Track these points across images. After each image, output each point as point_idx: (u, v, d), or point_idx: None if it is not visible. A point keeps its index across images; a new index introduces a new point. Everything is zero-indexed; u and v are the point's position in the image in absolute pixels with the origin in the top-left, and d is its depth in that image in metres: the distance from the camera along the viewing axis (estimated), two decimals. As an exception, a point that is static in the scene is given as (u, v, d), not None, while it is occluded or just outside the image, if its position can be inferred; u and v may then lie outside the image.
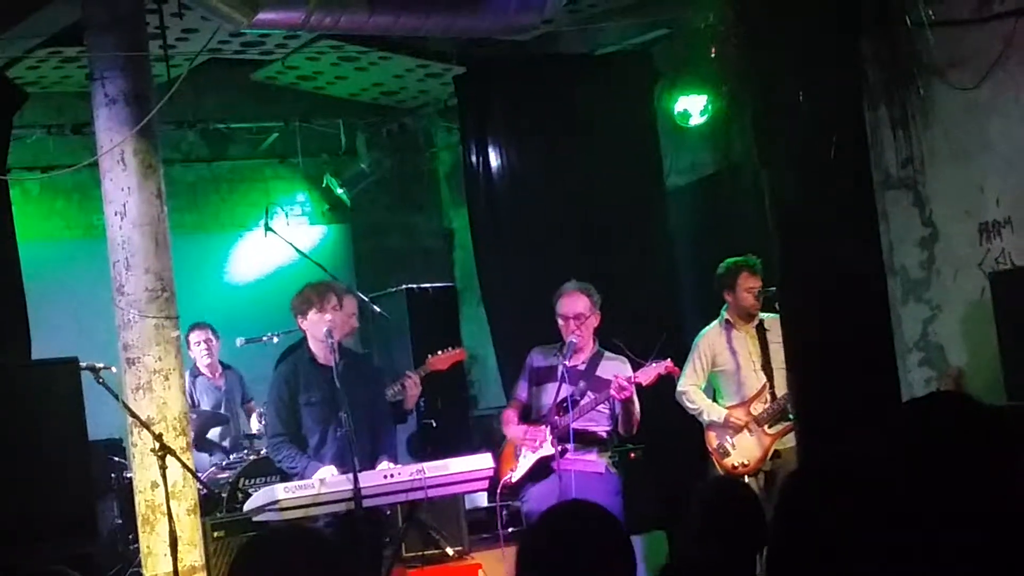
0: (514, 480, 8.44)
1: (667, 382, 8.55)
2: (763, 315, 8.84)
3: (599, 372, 8.34)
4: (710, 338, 8.98)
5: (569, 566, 3.33)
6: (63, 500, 7.50)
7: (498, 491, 8.50)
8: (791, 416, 8.34)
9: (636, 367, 8.24)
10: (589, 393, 8.26)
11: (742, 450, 8.74)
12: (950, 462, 3.23)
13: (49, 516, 7.40)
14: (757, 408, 8.74)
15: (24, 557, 7.11)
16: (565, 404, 8.16)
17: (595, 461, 8.34)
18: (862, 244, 6.16)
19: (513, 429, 8.52)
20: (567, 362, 8.22)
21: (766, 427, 8.70)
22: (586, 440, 8.28)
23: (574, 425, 8.12)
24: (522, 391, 8.61)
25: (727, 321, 8.94)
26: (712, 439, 8.87)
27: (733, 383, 8.90)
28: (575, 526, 3.42)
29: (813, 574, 3.33)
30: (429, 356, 9.14)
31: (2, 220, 9.33)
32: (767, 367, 8.76)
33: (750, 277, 8.80)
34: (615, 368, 8.29)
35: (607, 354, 8.43)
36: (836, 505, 3.27)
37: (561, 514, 3.56)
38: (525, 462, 8.39)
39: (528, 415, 8.52)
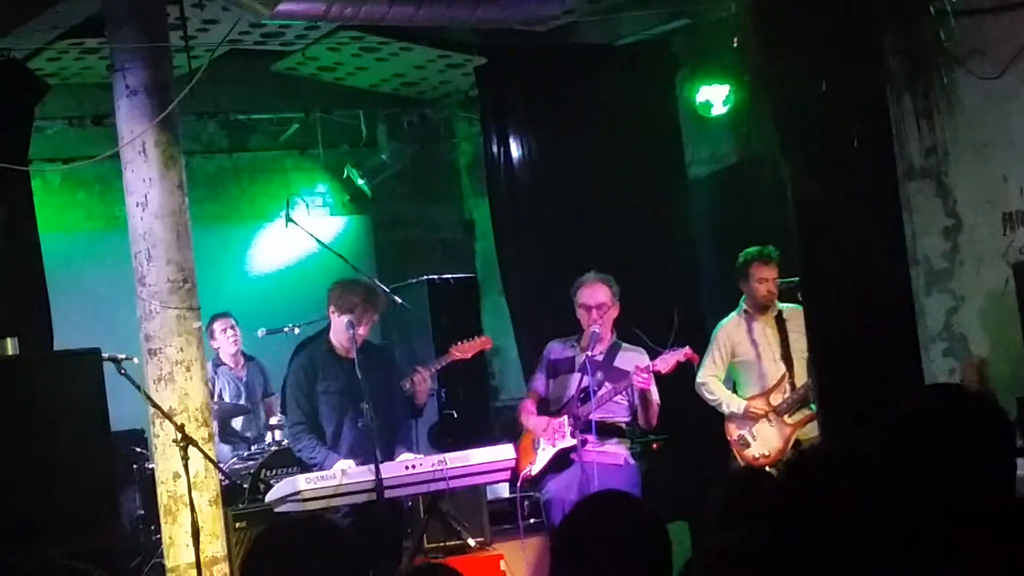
0: (534, 472, 8.45)
1: (687, 371, 8.55)
2: (782, 306, 8.81)
3: (617, 363, 8.35)
4: (728, 329, 8.96)
5: (605, 557, 3.32)
6: (85, 491, 7.51)
7: (518, 483, 8.50)
8: (812, 406, 8.33)
9: (655, 356, 8.24)
10: (607, 384, 8.26)
11: (763, 440, 8.72)
12: (947, 458, 3.22)
13: (71, 507, 7.41)
14: (777, 398, 8.72)
15: (45, 548, 7.12)
16: (584, 395, 8.16)
17: (615, 452, 8.35)
18: (885, 234, 6.14)
19: (533, 420, 8.51)
20: (590, 352, 8.22)
21: (786, 417, 8.68)
22: (606, 431, 8.28)
23: (594, 416, 8.11)
24: (539, 383, 8.61)
25: (746, 311, 8.92)
26: (732, 430, 8.85)
27: (753, 374, 8.87)
28: (610, 516, 3.41)
29: (814, 565, 3.29)
30: (453, 344, 9.09)
31: (24, 211, 9.36)
32: (787, 357, 8.74)
33: (762, 267, 8.78)
34: (633, 359, 8.29)
35: (624, 345, 8.44)
36: (832, 499, 3.23)
37: (596, 505, 3.55)
38: (544, 454, 8.39)
39: (546, 407, 8.52)
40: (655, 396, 8.23)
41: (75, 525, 7.38)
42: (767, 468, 8.41)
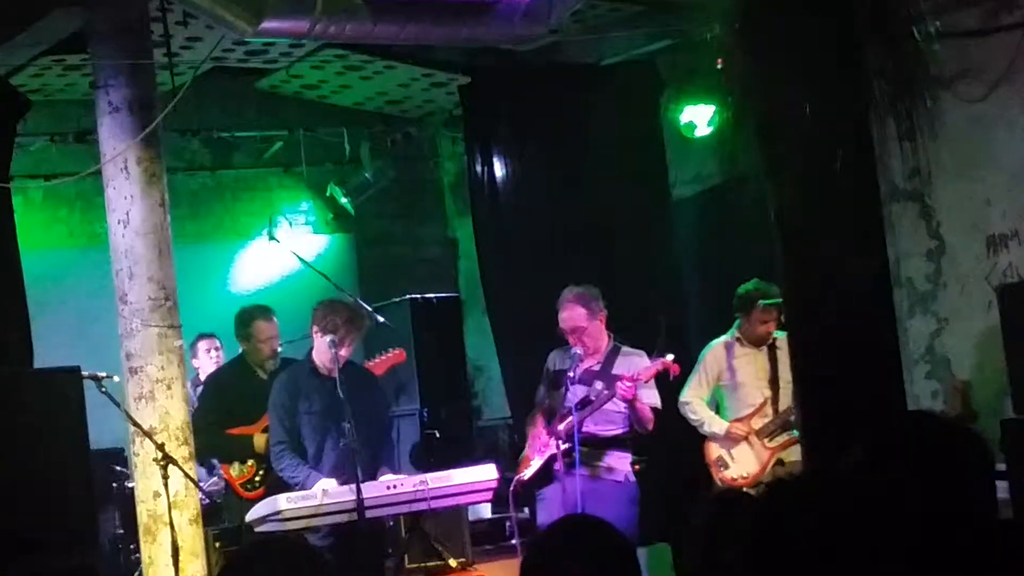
0: (526, 478, 8.39)
1: (671, 389, 8.52)
2: (777, 333, 8.76)
3: (615, 369, 8.22)
4: (716, 352, 8.94)
5: None
6: (64, 509, 7.46)
7: (511, 488, 8.41)
8: (794, 431, 8.32)
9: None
10: (605, 391, 8.16)
11: (741, 462, 8.72)
12: (924, 485, 3.21)
13: (50, 525, 7.36)
14: (758, 422, 8.72)
15: (24, 567, 7.07)
16: (580, 406, 8.09)
17: (616, 468, 8.27)
18: (868, 256, 6.13)
19: (532, 431, 8.49)
20: (571, 373, 8.15)
21: (766, 440, 8.67)
22: (607, 444, 8.21)
23: (590, 429, 8.06)
24: (542, 395, 8.58)
25: (738, 339, 8.88)
26: (712, 451, 8.85)
27: (736, 398, 8.86)
28: (577, 543, 3.38)
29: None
30: (365, 362, 9.11)
31: (5, 228, 9.30)
32: (774, 382, 8.71)
33: (766, 311, 8.69)
34: (632, 363, 8.19)
35: (624, 349, 8.35)
36: (809, 524, 3.21)
37: (563, 531, 3.53)
38: (537, 462, 8.35)
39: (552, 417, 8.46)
40: (646, 401, 8.13)
41: (54, 542, 7.34)
42: (745, 490, 8.41)
